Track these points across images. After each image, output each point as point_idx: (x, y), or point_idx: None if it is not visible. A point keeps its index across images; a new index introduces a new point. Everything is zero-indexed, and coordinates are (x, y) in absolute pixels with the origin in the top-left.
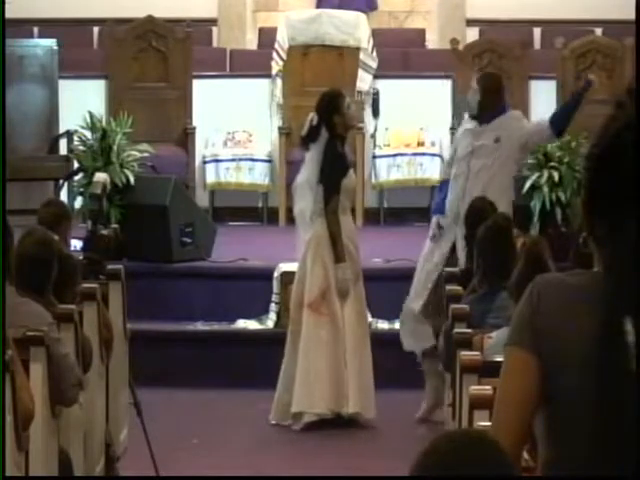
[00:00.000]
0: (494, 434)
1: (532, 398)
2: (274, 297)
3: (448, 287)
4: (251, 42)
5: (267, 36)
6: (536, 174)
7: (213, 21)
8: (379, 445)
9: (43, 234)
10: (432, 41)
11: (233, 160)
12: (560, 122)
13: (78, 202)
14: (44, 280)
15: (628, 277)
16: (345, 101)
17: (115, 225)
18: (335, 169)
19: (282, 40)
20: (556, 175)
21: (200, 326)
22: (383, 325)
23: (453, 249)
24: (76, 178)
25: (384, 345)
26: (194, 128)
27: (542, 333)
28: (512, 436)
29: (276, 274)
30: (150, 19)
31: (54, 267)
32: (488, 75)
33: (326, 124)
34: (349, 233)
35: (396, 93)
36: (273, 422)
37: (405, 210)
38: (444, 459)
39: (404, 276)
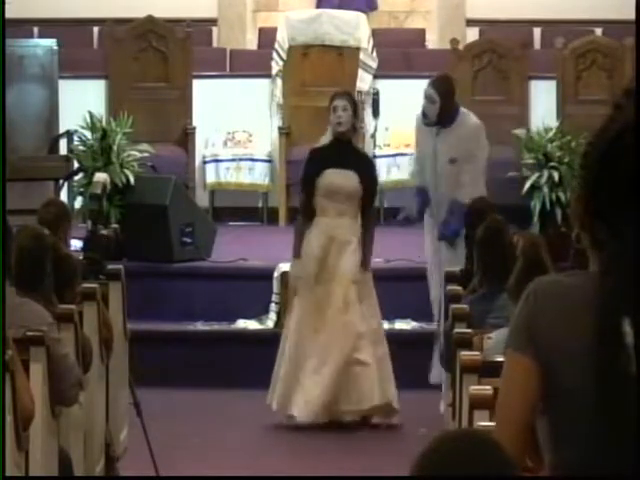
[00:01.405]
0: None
1: (533, 402)
2: (274, 297)
3: (448, 287)
4: (251, 42)
5: (267, 36)
6: (536, 174)
7: (213, 21)
8: (379, 445)
9: (35, 229)
10: (432, 41)
11: (233, 160)
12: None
13: (78, 202)
14: (39, 273)
15: (627, 278)
16: (332, 103)
17: (115, 225)
18: (304, 168)
19: (282, 40)
20: (556, 175)
21: (200, 326)
22: (383, 325)
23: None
24: (76, 178)
25: None
26: (194, 128)
27: (540, 337)
28: (515, 441)
29: (276, 274)
30: (150, 19)
31: (48, 259)
32: (443, 79)
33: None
34: (318, 233)
35: (396, 93)
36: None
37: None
38: (445, 459)
39: (404, 276)
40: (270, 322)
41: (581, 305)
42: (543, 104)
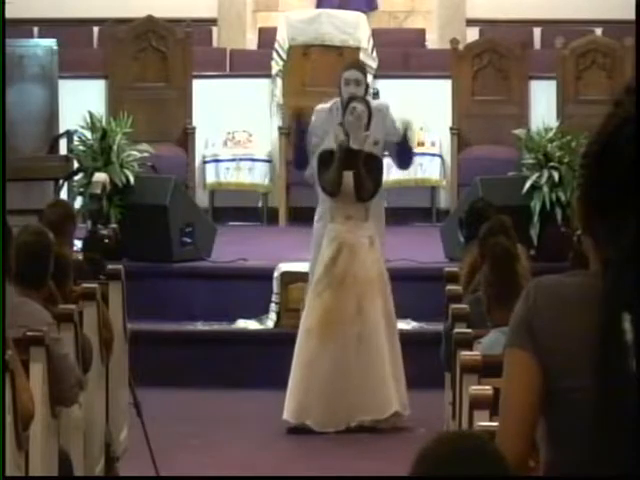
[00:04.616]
0: (501, 439)
1: (535, 398)
2: (274, 297)
3: (448, 287)
4: (251, 42)
5: (267, 36)
6: (536, 174)
7: (213, 21)
8: (377, 446)
9: (38, 227)
10: (432, 41)
11: (233, 160)
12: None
13: (78, 202)
14: (41, 271)
15: (627, 274)
16: (349, 106)
17: (115, 225)
18: (316, 171)
19: (282, 40)
20: (556, 175)
21: (200, 326)
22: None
23: None
24: (76, 178)
25: None
26: (194, 128)
27: (539, 334)
28: (519, 440)
29: (276, 274)
30: (150, 19)
31: (50, 258)
32: (360, 62)
33: None
34: (329, 241)
35: (396, 93)
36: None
37: (405, 210)
38: (443, 460)
39: (404, 276)
40: (270, 322)
41: (580, 304)
42: (543, 104)
